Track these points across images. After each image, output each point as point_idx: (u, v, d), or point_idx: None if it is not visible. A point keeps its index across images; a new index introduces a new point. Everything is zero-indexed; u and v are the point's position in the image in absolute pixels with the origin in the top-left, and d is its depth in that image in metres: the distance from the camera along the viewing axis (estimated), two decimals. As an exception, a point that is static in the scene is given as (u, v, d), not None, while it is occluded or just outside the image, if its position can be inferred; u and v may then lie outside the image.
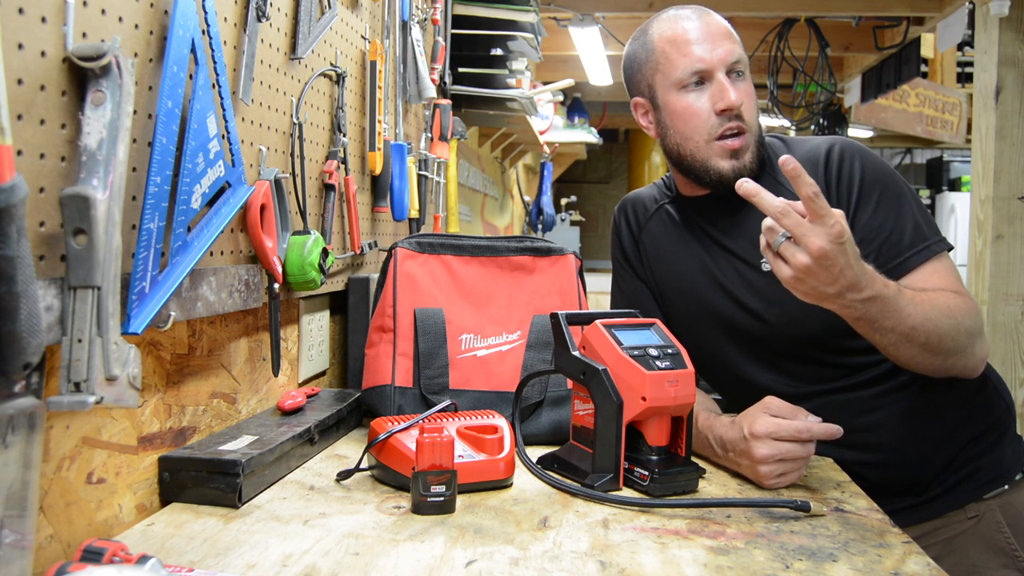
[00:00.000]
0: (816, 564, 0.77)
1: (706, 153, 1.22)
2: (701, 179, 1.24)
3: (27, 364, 0.58)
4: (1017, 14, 2.59)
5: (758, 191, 0.93)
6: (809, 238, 0.90)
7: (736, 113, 1.19)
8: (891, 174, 1.22)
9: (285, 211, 1.12)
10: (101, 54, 0.68)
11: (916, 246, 1.16)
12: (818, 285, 0.94)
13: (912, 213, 1.18)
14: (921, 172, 7.23)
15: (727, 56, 1.19)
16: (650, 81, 1.26)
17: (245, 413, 1.14)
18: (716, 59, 1.19)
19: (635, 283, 1.42)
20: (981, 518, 1.22)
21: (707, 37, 1.20)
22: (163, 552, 0.77)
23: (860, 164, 1.20)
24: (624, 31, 3.72)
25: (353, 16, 1.47)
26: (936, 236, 1.18)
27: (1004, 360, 2.58)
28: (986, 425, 1.24)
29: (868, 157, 1.22)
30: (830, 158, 1.22)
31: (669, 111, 1.24)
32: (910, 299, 1.03)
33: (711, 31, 1.20)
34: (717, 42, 1.19)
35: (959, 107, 5.61)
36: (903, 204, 1.19)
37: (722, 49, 1.19)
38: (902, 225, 1.17)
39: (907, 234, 1.17)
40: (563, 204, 5.24)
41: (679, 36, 1.21)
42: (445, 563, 0.76)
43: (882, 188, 1.19)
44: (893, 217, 1.18)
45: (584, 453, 1.03)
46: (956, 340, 1.08)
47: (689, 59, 1.20)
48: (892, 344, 1.05)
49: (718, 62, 1.19)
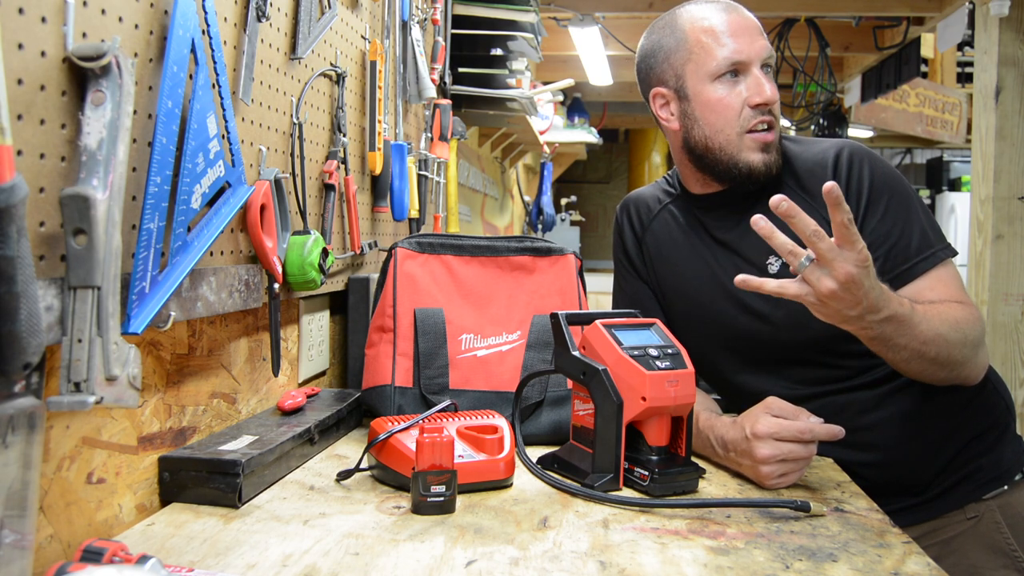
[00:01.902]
0: (816, 564, 0.77)
1: (738, 146, 1.21)
2: (729, 172, 1.23)
3: (27, 364, 0.58)
4: (1017, 14, 2.59)
5: (797, 212, 0.91)
6: (838, 263, 0.91)
7: (770, 108, 1.20)
8: (899, 180, 1.22)
9: (285, 211, 1.12)
10: (101, 54, 0.68)
11: (923, 253, 1.17)
12: (841, 308, 0.94)
13: (919, 219, 1.19)
14: (921, 172, 7.23)
15: (763, 51, 1.20)
16: (679, 71, 1.24)
17: (245, 413, 1.14)
18: (754, 52, 1.19)
19: (637, 284, 1.42)
20: (980, 518, 1.22)
21: (744, 30, 1.20)
22: (163, 552, 0.77)
23: (869, 170, 1.20)
24: (624, 31, 3.72)
25: (353, 16, 1.47)
26: (941, 243, 1.19)
27: (1004, 360, 2.58)
28: (986, 425, 1.24)
29: (877, 162, 1.22)
30: (839, 163, 1.21)
31: (701, 102, 1.22)
32: (923, 315, 1.04)
33: (747, 24, 1.21)
34: (754, 36, 1.20)
35: (959, 107, 5.61)
36: (911, 210, 1.19)
37: (759, 43, 1.20)
38: (909, 231, 1.18)
39: (914, 240, 1.17)
40: (563, 204, 5.24)
41: (716, 27, 1.21)
42: (445, 563, 0.76)
43: (891, 194, 1.19)
44: (901, 223, 1.18)
45: (584, 453, 1.03)
46: (963, 353, 1.10)
47: (727, 50, 1.19)
48: (904, 360, 1.06)
49: (755, 56, 1.19)
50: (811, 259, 0.92)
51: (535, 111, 2.74)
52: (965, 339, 1.09)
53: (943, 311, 1.09)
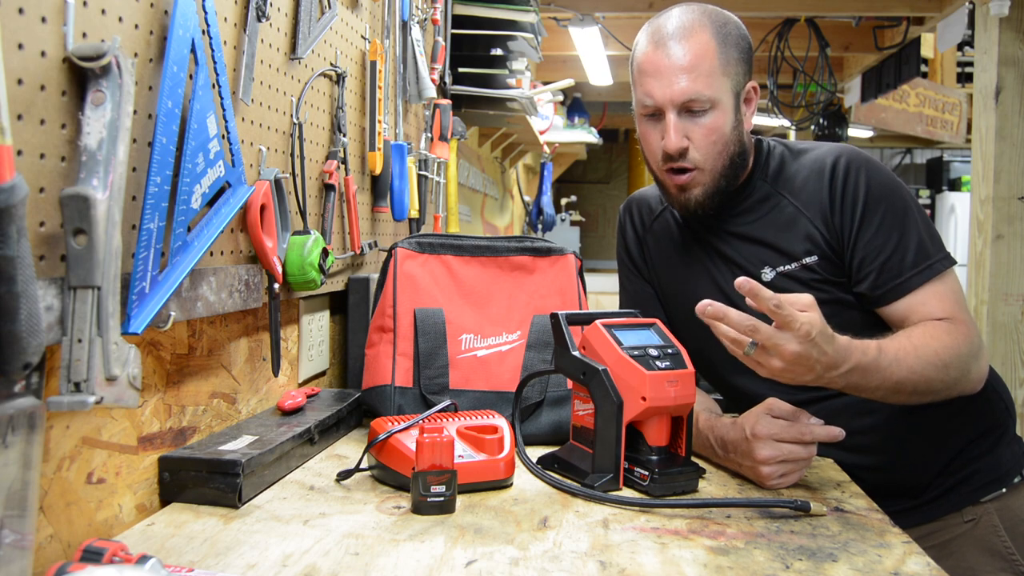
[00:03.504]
0: (816, 564, 0.77)
1: (660, 179, 1.23)
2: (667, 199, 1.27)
3: (27, 364, 0.58)
4: (1017, 14, 2.59)
5: (725, 313, 0.91)
6: (781, 347, 0.91)
7: (679, 155, 1.17)
8: (897, 188, 1.20)
9: (285, 211, 1.12)
10: (101, 54, 0.68)
11: (918, 266, 1.15)
12: (796, 376, 0.96)
13: (917, 230, 1.17)
14: (921, 172, 7.23)
15: (678, 96, 1.14)
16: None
17: (245, 413, 1.14)
18: (665, 99, 1.15)
19: (640, 283, 1.42)
20: (978, 522, 1.22)
21: (665, 71, 1.15)
22: (163, 552, 0.77)
23: (866, 179, 1.18)
24: (624, 31, 3.72)
25: (353, 16, 1.47)
26: (940, 253, 1.17)
27: (1004, 360, 2.58)
28: (984, 427, 1.24)
29: (874, 170, 1.20)
30: (836, 170, 1.20)
31: (639, 131, 1.24)
32: (893, 358, 1.03)
33: (671, 64, 1.14)
34: (673, 78, 1.14)
35: (959, 107, 5.61)
36: (908, 221, 1.17)
37: (677, 87, 1.14)
38: (905, 244, 1.16)
39: (909, 254, 1.15)
40: (563, 204, 5.24)
41: (642, 64, 1.18)
42: (445, 563, 0.76)
43: (887, 205, 1.18)
44: (896, 236, 1.16)
45: (584, 453, 1.03)
46: (946, 381, 1.09)
47: (643, 91, 1.18)
48: (881, 397, 1.07)
49: (667, 101, 1.15)
50: (755, 344, 0.93)
51: (535, 111, 2.74)
52: (947, 367, 1.08)
53: (922, 345, 1.07)
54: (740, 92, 1.19)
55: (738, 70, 1.18)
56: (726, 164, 1.19)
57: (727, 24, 1.19)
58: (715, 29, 1.16)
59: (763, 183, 1.25)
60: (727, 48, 1.16)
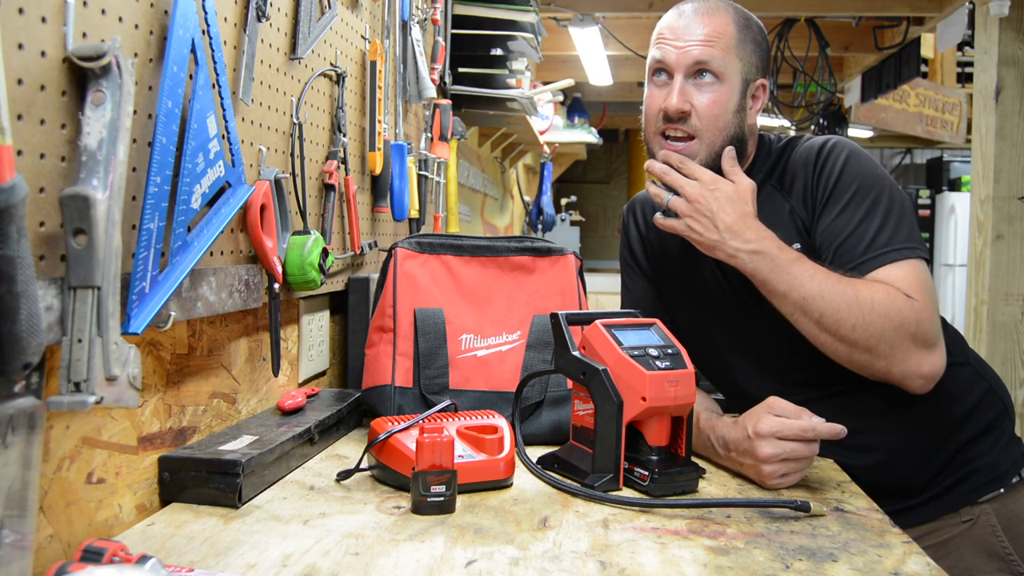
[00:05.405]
0: (816, 564, 0.77)
1: (653, 145, 1.23)
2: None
3: (27, 364, 0.58)
4: (1017, 14, 2.59)
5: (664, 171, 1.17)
6: (685, 188, 1.14)
7: (678, 116, 1.18)
8: (876, 178, 1.18)
9: (285, 211, 1.12)
10: (101, 54, 0.68)
11: (874, 251, 1.13)
12: (702, 231, 1.12)
13: (884, 218, 1.14)
14: (921, 172, 7.23)
15: (684, 57, 1.17)
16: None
17: (245, 413, 1.14)
18: (672, 58, 1.18)
19: (643, 283, 1.42)
20: (976, 522, 1.21)
21: (680, 32, 1.18)
22: (163, 552, 0.77)
23: (843, 162, 1.18)
24: (624, 31, 3.72)
25: (353, 16, 1.47)
26: (905, 243, 1.13)
27: (1004, 360, 2.58)
28: (983, 427, 1.24)
29: (855, 157, 1.19)
30: (820, 154, 1.21)
31: (645, 93, 1.26)
32: (810, 272, 1.08)
33: (687, 25, 1.18)
34: (686, 39, 1.17)
35: (959, 107, 5.61)
36: (875, 209, 1.15)
37: (686, 49, 1.17)
38: (864, 229, 1.14)
39: (867, 238, 1.13)
40: (563, 204, 5.24)
41: (662, 29, 1.22)
42: (445, 563, 0.76)
43: (856, 190, 1.16)
44: (857, 220, 1.15)
45: (584, 453, 1.03)
46: (867, 331, 1.06)
47: (655, 50, 1.21)
48: (790, 314, 1.11)
49: (674, 61, 1.18)
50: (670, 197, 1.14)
51: (535, 111, 2.74)
52: (864, 314, 1.05)
53: (847, 282, 1.08)
54: (750, 82, 1.21)
55: (751, 60, 1.21)
56: (724, 143, 1.20)
57: (749, 19, 1.23)
58: (737, 17, 1.21)
59: (760, 176, 1.25)
60: (745, 37, 1.20)
